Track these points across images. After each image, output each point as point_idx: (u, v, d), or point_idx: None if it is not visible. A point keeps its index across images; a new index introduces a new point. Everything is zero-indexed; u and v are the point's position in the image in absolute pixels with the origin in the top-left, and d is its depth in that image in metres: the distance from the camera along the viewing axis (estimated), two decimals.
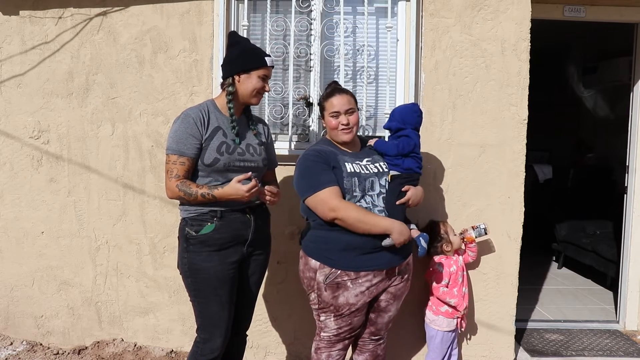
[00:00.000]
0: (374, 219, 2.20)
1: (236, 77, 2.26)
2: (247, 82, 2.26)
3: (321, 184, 2.21)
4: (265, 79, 2.29)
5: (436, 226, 2.86)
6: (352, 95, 2.38)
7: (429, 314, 2.86)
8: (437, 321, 2.81)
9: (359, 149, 2.44)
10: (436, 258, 2.83)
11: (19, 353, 3.10)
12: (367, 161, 2.36)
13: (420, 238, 2.38)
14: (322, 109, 2.38)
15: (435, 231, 2.84)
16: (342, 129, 2.31)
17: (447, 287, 2.78)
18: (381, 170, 2.34)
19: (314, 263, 2.29)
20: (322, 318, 2.35)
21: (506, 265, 3.02)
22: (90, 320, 3.19)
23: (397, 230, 2.18)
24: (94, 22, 3.04)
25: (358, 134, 2.49)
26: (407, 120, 2.44)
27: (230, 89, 2.27)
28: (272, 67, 2.34)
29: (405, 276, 2.38)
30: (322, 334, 2.38)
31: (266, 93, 3.00)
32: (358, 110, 2.40)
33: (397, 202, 2.29)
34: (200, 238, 2.22)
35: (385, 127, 2.54)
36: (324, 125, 2.40)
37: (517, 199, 2.99)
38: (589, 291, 4.55)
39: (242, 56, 2.27)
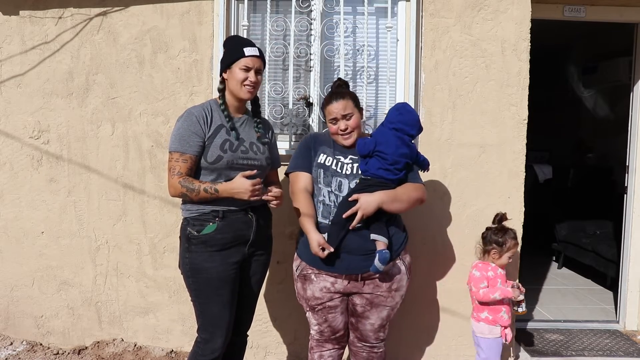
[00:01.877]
0: (304, 222, 2.26)
1: (224, 75, 2.28)
2: (231, 77, 2.26)
3: (294, 166, 2.39)
4: (247, 69, 2.23)
5: (505, 231, 2.67)
6: (352, 97, 2.33)
7: (472, 322, 2.74)
8: (479, 327, 2.69)
9: None
10: (474, 263, 2.72)
11: (19, 353, 3.10)
12: (350, 159, 2.32)
13: (377, 254, 2.18)
14: (323, 114, 2.40)
15: (498, 233, 2.66)
16: (341, 134, 2.31)
17: (487, 287, 2.63)
18: (356, 173, 2.28)
19: (295, 254, 2.41)
20: (306, 313, 2.42)
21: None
22: (90, 320, 3.19)
23: (309, 239, 2.22)
24: (94, 22, 3.04)
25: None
26: (388, 118, 2.36)
27: (220, 86, 2.30)
28: (257, 56, 2.26)
29: (386, 285, 2.30)
30: (311, 331, 2.43)
31: (266, 93, 3.02)
32: (360, 109, 2.36)
33: (344, 216, 2.18)
34: (202, 238, 2.21)
35: None
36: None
37: (517, 199, 2.99)
38: (589, 291, 4.55)
39: (224, 54, 2.30)
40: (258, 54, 2.27)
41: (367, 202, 2.17)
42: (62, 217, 3.14)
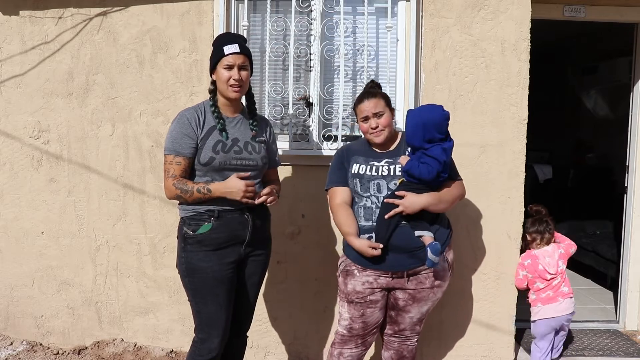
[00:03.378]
0: (345, 236, 2.34)
1: (213, 77, 2.28)
2: (217, 78, 2.26)
3: (329, 182, 2.44)
4: (230, 68, 2.21)
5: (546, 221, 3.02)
6: (384, 97, 2.35)
7: (571, 305, 3.01)
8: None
9: (394, 147, 2.39)
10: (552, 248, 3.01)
11: (19, 353, 3.10)
12: (386, 162, 2.34)
13: (428, 248, 2.20)
14: (355, 114, 2.41)
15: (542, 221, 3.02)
16: (372, 133, 2.32)
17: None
18: (392, 174, 2.30)
19: (342, 252, 2.45)
20: (340, 308, 2.43)
21: (506, 265, 3.02)
22: (90, 320, 3.19)
23: (355, 248, 2.27)
24: (94, 22, 3.03)
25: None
26: (440, 128, 2.25)
27: (210, 87, 2.30)
28: (239, 52, 2.21)
29: (428, 282, 2.32)
30: (338, 327, 2.44)
31: (266, 93, 3.02)
32: (392, 109, 2.38)
33: (385, 200, 2.24)
34: (198, 237, 2.22)
35: (408, 143, 2.33)
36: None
37: (517, 199, 2.99)
38: (589, 291, 4.55)
39: (210, 55, 2.30)
40: (238, 50, 2.22)
41: (412, 202, 2.21)
42: (62, 217, 3.14)
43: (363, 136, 2.44)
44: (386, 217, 2.23)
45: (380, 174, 2.31)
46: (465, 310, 3.06)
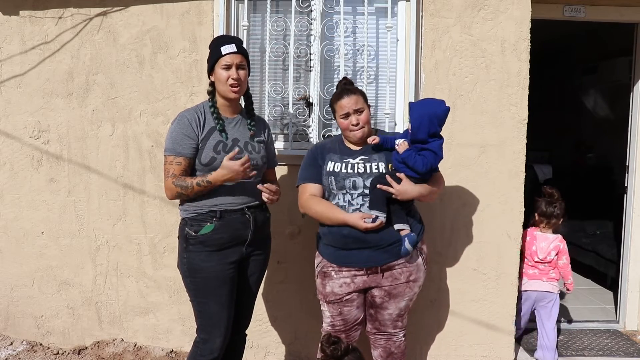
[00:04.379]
0: (332, 212, 2.29)
1: (211, 78, 2.29)
2: (216, 79, 2.26)
3: (300, 179, 2.44)
4: (228, 67, 2.22)
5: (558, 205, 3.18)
6: (362, 94, 2.38)
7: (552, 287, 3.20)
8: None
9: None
10: (559, 236, 3.19)
11: (19, 353, 3.10)
12: (360, 159, 2.34)
13: (406, 238, 2.27)
14: (332, 110, 2.42)
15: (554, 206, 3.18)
16: (353, 130, 2.34)
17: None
18: (369, 171, 2.30)
19: (317, 252, 2.45)
20: (321, 306, 2.46)
21: (506, 265, 3.02)
22: (90, 320, 3.19)
23: (350, 222, 2.24)
24: (94, 22, 3.03)
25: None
26: (441, 122, 2.26)
27: (209, 88, 2.31)
28: (236, 52, 2.23)
29: (403, 277, 2.34)
30: (323, 324, 2.47)
31: (266, 93, 3.02)
32: (369, 106, 2.40)
33: (382, 185, 2.22)
34: (200, 238, 2.22)
35: (412, 138, 2.29)
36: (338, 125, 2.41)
37: (517, 199, 2.99)
38: (589, 291, 4.55)
39: (208, 57, 2.31)
40: (235, 49, 2.24)
41: (406, 189, 2.23)
42: (62, 217, 3.14)
43: (340, 133, 2.45)
44: (378, 186, 2.21)
45: (356, 171, 2.31)
46: (465, 310, 3.06)
